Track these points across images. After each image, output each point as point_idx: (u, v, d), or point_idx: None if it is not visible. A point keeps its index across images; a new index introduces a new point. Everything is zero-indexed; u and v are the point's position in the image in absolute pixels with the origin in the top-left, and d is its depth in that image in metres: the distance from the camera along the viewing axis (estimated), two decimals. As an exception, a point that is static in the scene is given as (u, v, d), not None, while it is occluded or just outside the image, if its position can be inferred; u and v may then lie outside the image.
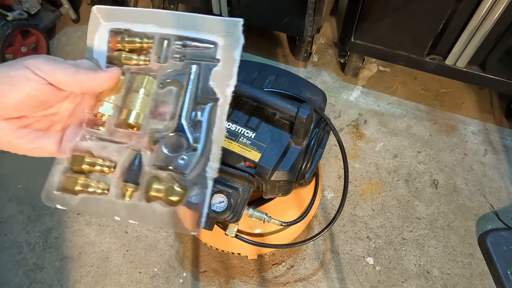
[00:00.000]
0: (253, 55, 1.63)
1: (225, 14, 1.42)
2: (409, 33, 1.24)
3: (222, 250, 0.95)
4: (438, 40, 1.22)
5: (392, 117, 1.43)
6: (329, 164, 1.32)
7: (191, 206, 0.35)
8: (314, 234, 0.79)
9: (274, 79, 0.85)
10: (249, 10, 1.41)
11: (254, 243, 0.83)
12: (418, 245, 1.15)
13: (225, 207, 0.72)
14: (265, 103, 0.72)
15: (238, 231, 0.85)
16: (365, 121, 1.43)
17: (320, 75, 1.57)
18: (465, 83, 1.45)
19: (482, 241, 0.63)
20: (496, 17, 1.05)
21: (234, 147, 0.73)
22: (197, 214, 0.34)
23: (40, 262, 1.16)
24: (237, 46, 0.36)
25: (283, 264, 1.13)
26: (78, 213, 1.23)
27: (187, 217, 0.35)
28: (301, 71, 1.58)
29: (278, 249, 1.13)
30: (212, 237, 0.92)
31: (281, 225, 0.82)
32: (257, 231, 0.91)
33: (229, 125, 0.75)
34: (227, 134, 0.74)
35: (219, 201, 0.72)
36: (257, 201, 0.91)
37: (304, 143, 0.76)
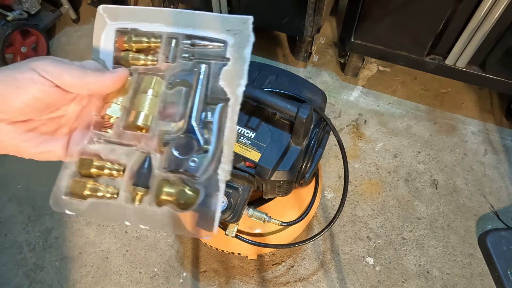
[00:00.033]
0: (253, 55, 1.61)
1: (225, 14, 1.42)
2: (409, 33, 1.24)
3: (222, 250, 0.95)
4: (438, 40, 1.22)
5: (392, 117, 1.43)
6: (329, 164, 1.32)
7: (203, 210, 0.34)
8: (314, 234, 0.79)
9: (274, 79, 0.85)
10: (249, 10, 1.41)
11: (254, 243, 0.83)
12: (418, 245, 1.15)
13: (225, 207, 0.72)
14: (265, 103, 0.72)
15: (238, 231, 0.85)
16: (365, 121, 1.43)
17: (320, 75, 1.57)
18: (465, 83, 1.45)
19: (482, 241, 0.63)
20: (496, 17, 1.05)
21: (234, 147, 0.73)
22: (209, 218, 0.33)
23: (40, 262, 1.16)
24: (248, 44, 0.35)
25: (283, 264, 1.13)
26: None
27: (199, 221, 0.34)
28: (301, 71, 1.58)
29: (278, 249, 1.13)
30: (212, 237, 0.92)
31: (281, 225, 0.82)
32: (257, 231, 0.91)
33: None
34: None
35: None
36: (257, 201, 0.91)
37: (304, 143, 0.76)
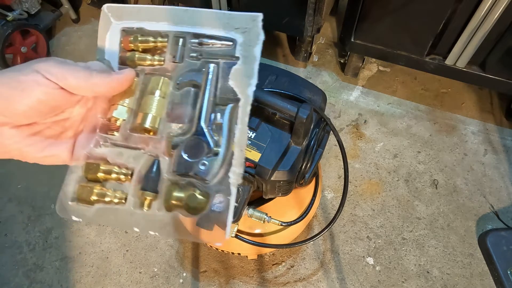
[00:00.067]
0: (253, 55, 1.63)
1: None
2: (409, 33, 1.24)
3: (222, 250, 0.95)
4: (438, 40, 1.22)
5: (392, 117, 1.43)
6: (329, 164, 1.32)
7: (214, 214, 0.33)
8: (314, 234, 0.79)
9: (274, 79, 0.85)
10: (249, 10, 1.40)
11: (254, 243, 0.83)
12: (418, 245, 1.15)
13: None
14: (265, 103, 0.72)
15: (238, 231, 0.85)
16: (365, 121, 1.43)
17: (320, 75, 1.57)
18: (465, 83, 1.45)
19: (482, 241, 0.63)
20: (496, 17, 1.04)
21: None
22: (221, 224, 0.32)
23: (40, 262, 1.16)
24: (257, 42, 0.34)
25: (283, 264, 1.13)
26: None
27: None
28: (301, 71, 1.58)
29: (278, 249, 1.13)
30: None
31: (281, 225, 0.82)
32: (257, 231, 0.91)
33: None
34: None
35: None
36: (257, 201, 0.91)
37: (304, 143, 0.75)
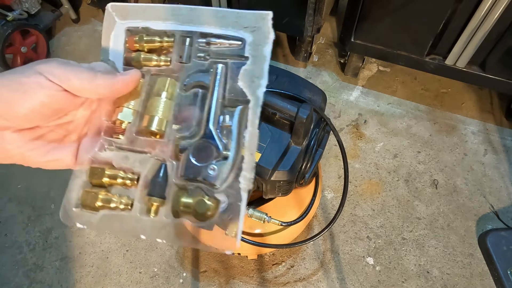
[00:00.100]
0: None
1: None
2: (409, 33, 1.24)
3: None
4: (438, 40, 1.22)
5: (392, 117, 1.43)
6: (329, 164, 1.32)
7: (223, 221, 0.32)
8: (314, 234, 0.79)
9: (274, 79, 0.85)
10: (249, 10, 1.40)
11: (254, 243, 0.83)
12: (418, 245, 1.15)
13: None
14: (265, 103, 0.72)
15: (238, 231, 0.85)
16: (365, 121, 1.43)
17: (320, 75, 1.57)
18: (465, 83, 1.45)
19: (482, 241, 0.63)
20: (496, 17, 1.04)
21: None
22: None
23: (40, 262, 1.16)
24: (267, 41, 0.33)
25: (283, 264, 1.13)
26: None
27: (220, 234, 0.32)
28: (301, 71, 1.58)
29: (278, 249, 1.13)
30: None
31: (281, 225, 0.82)
32: (257, 231, 0.91)
33: None
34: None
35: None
36: (257, 201, 0.91)
37: (304, 143, 0.75)
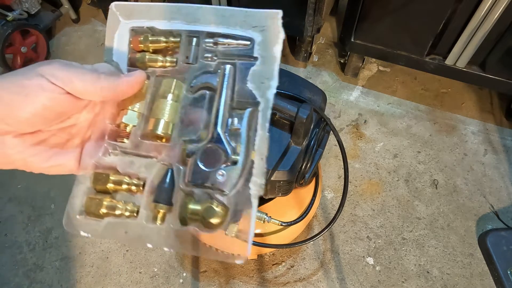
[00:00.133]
0: (253, 55, 1.63)
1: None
2: (409, 33, 1.24)
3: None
4: (438, 40, 1.22)
5: (392, 117, 1.43)
6: (329, 164, 1.32)
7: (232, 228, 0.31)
8: (314, 234, 0.79)
9: (274, 79, 0.84)
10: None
11: (254, 243, 0.83)
12: (418, 245, 1.15)
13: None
14: (265, 103, 0.72)
15: (238, 231, 0.85)
16: (365, 121, 1.43)
17: (320, 75, 1.57)
18: (465, 83, 1.45)
19: (482, 241, 0.63)
20: (496, 17, 1.04)
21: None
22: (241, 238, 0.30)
23: (40, 262, 1.16)
24: (277, 41, 0.31)
25: (283, 264, 1.13)
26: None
27: (230, 242, 0.31)
28: (301, 71, 1.58)
29: (278, 249, 1.13)
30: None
31: (281, 225, 0.82)
32: (257, 231, 0.91)
33: None
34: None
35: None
36: (257, 201, 0.90)
37: (304, 143, 0.75)
